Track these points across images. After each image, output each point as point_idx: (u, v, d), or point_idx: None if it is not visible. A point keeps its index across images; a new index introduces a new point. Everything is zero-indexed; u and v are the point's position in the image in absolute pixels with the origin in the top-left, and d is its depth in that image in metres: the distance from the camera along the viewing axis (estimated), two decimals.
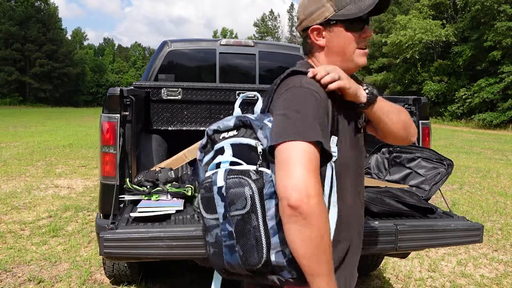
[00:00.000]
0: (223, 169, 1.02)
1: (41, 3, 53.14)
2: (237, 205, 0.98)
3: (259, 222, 0.98)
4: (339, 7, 1.10)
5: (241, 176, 0.99)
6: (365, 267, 3.20)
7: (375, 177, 2.68)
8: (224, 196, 0.99)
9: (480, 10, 25.09)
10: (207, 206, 1.04)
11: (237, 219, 0.99)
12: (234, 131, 1.08)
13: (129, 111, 2.27)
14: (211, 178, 1.03)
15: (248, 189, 0.97)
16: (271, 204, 0.98)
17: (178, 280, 3.15)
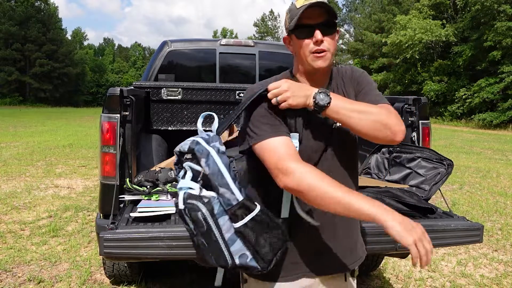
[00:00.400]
0: (181, 193, 1.21)
1: (41, 3, 53.10)
2: (198, 224, 1.19)
3: (217, 237, 1.17)
4: (291, 19, 1.28)
5: (193, 201, 1.18)
6: (365, 267, 3.20)
7: (375, 177, 2.68)
8: (190, 217, 1.19)
9: (480, 10, 25.08)
10: (184, 219, 1.25)
11: (202, 233, 1.19)
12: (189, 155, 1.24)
13: (129, 111, 2.27)
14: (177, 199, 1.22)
15: (201, 214, 1.17)
16: (225, 220, 1.17)
17: (178, 280, 3.15)
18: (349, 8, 58.43)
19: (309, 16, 1.25)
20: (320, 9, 1.26)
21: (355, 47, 47.02)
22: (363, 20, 48.00)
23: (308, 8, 1.24)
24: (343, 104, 1.20)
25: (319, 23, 1.26)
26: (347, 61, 53.13)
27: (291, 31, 1.29)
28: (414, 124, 2.55)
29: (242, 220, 1.17)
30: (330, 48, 1.28)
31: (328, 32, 1.27)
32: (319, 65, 1.28)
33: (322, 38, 1.26)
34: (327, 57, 1.28)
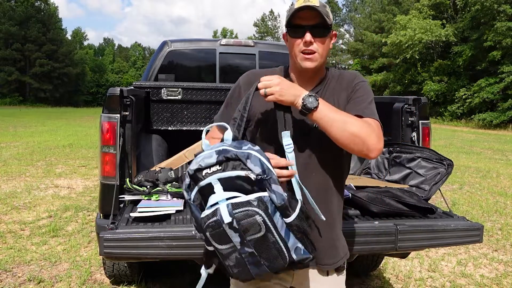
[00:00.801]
0: (224, 206, 1.11)
1: (41, 3, 53.10)
2: (251, 231, 1.10)
3: (276, 237, 1.12)
4: (287, 17, 1.36)
5: (246, 208, 1.10)
6: (365, 267, 3.20)
7: (375, 177, 2.68)
8: (238, 228, 1.10)
9: (480, 10, 25.07)
10: (220, 239, 1.13)
11: (255, 241, 1.11)
12: (217, 166, 1.16)
13: (129, 111, 2.27)
14: (216, 216, 1.11)
15: (259, 217, 1.10)
16: (277, 217, 1.13)
17: (178, 280, 3.15)
18: (349, 8, 58.45)
19: (303, 17, 1.33)
20: (314, 11, 1.32)
21: (355, 47, 47.02)
22: (363, 20, 48.00)
23: (302, 10, 1.31)
24: (328, 111, 1.25)
25: (310, 25, 1.33)
26: (347, 61, 53.16)
27: (287, 29, 1.38)
28: (414, 124, 2.55)
29: (294, 212, 1.16)
30: (319, 50, 1.35)
31: (319, 35, 1.34)
32: (307, 65, 1.36)
33: (312, 40, 1.33)
34: (315, 59, 1.35)
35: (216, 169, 1.15)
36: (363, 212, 2.13)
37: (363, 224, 1.97)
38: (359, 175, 2.80)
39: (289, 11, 1.37)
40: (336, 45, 56.98)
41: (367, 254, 2.96)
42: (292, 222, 1.15)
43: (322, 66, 1.44)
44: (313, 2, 1.33)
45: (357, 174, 2.85)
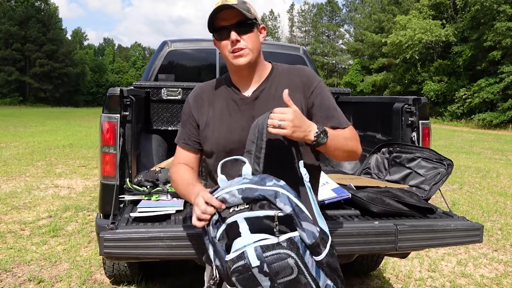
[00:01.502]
0: (251, 249, 1.05)
1: (41, 3, 53.12)
2: (282, 274, 1.05)
3: (308, 278, 1.08)
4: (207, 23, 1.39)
5: (276, 251, 1.05)
6: (365, 267, 3.20)
7: (375, 177, 2.68)
8: (268, 272, 1.04)
9: (480, 10, 25.07)
10: (247, 284, 1.07)
11: (286, 283, 1.06)
12: (244, 205, 1.11)
13: (129, 111, 2.27)
14: (243, 259, 1.05)
15: (291, 260, 1.05)
16: (307, 256, 1.09)
17: (178, 280, 3.15)
18: (349, 8, 58.48)
19: (224, 17, 1.34)
20: (232, 10, 1.32)
21: (355, 47, 47.04)
22: (363, 20, 48.02)
23: (220, 11, 1.33)
24: (332, 140, 1.29)
25: (233, 23, 1.34)
26: (347, 61, 53.17)
27: (213, 34, 1.40)
28: (414, 124, 2.54)
29: (325, 249, 1.12)
30: (248, 45, 1.36)
31: (244, 32, 1.36)
32: (240, 62, 1.37)
33: (238, 38, 1.34)
34: (246, 54, 1.36)
35: (243, 208, 1.10)
36: (363, 212, 2.13)
37: (363, 224, 1.97)
38: (359, 175, 2.80)
39: (209, 15, 1.37)
40: (336, 45, 57.05)
41: (367, 254, 2.96)
42: (322, 260, 1.11)
43: (258, 60, 1.44)
44: (230, 1, 1.33)
45: (357, 174, 2.85)
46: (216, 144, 1.43)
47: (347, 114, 3.54)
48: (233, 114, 1.45)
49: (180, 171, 1.50)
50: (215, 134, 1.44)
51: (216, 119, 1.46)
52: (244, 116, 1.43)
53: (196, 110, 1.50)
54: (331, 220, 2.04)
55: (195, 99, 1.53)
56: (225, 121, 1.44)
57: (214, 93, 1.51)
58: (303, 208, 1.12)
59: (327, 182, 2.28)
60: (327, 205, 2.15)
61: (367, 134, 3.17)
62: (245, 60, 1.37)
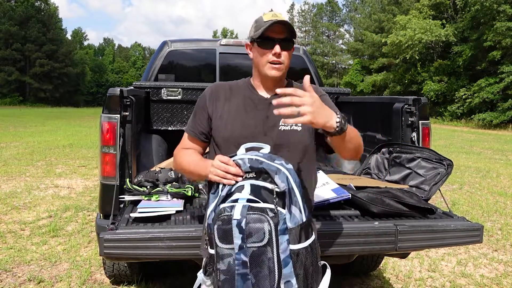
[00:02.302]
0: (240, 204, 1.14)
1: (41, 3, 53.11)
2: (254, 238, 1.10)
3: (274, 254, 1.11)
4: (256, 29, 1.50)
5: (260, 212, 1.12)
6: (365, 267, 3.20)
7: (375, 177, 2.68)
8: (243, 229, 1.10)
9: (480, 10, 25.07)
10: (223, 236, 1.14)
11: (253, 250, 1.11)
12: (253, 173, 1.23)
13: (129, 111, 2.27)
14: (229, 211, 1.13)
15: (267, 225, 1.11)
16: (284, 239, 1.12)
17: (178, 280, 3.15)
18: (349, 8, 58.46)
19: (274, 30, 1.47)
20: (284, 26, 1.47)
21: (355, 47, 47.01)
22: (363, 20, 48.00)
23: (274, 24, 1.45)
24: (350, 130, 1.34)
25: (280, 38, 1.48)
26: (347, 61, 53.14)
27: (255, 40, 1.50)
28: (414, 124, 2.54)
29: (302, 242, 1.15)
30: (285, 61, 1.50)
31: (286, 48, 1.50)
32: (273, 74, 1.50)
33: (281, 52, 1.47)
34: (281, 69, 1.50)
35: (252, 176, 1.22)
36: (363, 212, 2.13)
37: (363, 225, 1.97)
38: (359, 175, 2.80)
39: (259, 23, 1.49)
40: (336, 45, 57.03)
41: (367, 254, 2.96)
42: (298, 251, 1.13)
43: (285, 75, 1.58)
44: (281, 17, 1.48)
45: (357, 174, 2.85)
46: (228, 136, 1.53)
47: (347, 114, 3.56)
48: (249, 110, 1.56)
49: (189, 151, 1.61)
50: (229, 126, 1.53)
51: (231, 113, 1.56)
52: (259, 115, 1.54)
53: (211, 103, 1.59)
54: (331, 220, 2.04)
55: (212, 93, 1.62)
56: (241, 116, 1.55)
57: (231, 90, 1.62)
58: (297, 194, 1.19)
59: (327, 182, 2.28)
60: (327, 205, 2.16)
61: (367, 134, 3.17)
62: (278, 74, 1.50)
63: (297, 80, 1.67)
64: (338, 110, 1.48)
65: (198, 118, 1.62)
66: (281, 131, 1.51)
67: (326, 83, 44.49)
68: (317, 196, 2.18)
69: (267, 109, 1.54)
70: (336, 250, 1.90)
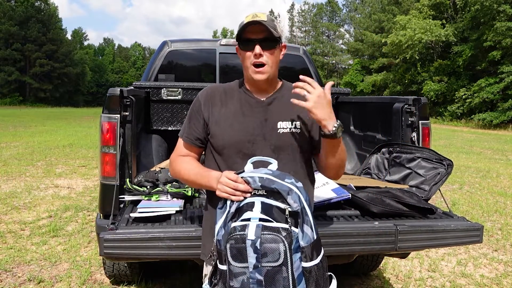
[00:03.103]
0: (254, 224, 1.15)
1: (41, 3, 53.09)
2: (269, 257, 1.12)
3: (289, 273, 1.13)
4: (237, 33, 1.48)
5: (275, 233, 1.13)
6: (365, 267, 3.20)
7: (375, 177, 2.68)
8: (258, 249, 1.12)
9: (480, 10, 25.07)
10: (236, 255, 1.16)
11: (268, 269, 1.13)
12: (263, 191, 1.24)
13: (129, 111, 2.27)
14: (244, 230, 1.15)
15: (282, 245, 1.13)
16: (296, 257, 1.15)
17: (178, 280, 3.15)
18: (349, 8, 58.46)
19: (252, 31, 1.44)
20: (261, 26, 1.43)
21: (355, 47, 47.02)
22: (363, 20, 48.02)
23: (250, 24, 1.43)
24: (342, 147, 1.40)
25: (260, 38, 1.44)
26: (347, 61, 53.14)
27: (238, 42, 1.49)
28: (414, 124, 2.54)
29: (314, 260, 1.18)
30: (269, 62, 1.46)
31: (268, 47, 1.45)
32: (258, 78, 1.47)
33: (261, 52, 1.44)
34: (265, 71, 1.46)
35: (262, 193, 1.23)
36: (363, 212, 2.13)
37: (363, 224, 1.97)
38: (359, 175, 2.80)
39: (240, 25, 1.47)
40: (336, 45, 57.04)
41: (367, 254, 2.96)
42: (309, 268, 1.16)
43: (274, 76, 1.54)
44: (261, 17, 1.44)
45: (357, 174, 2.85)
46: (228, 142, 1.50)
47: (347, 114, 3.57)
48: (246, 114, 1.53)
49: (186, 159, 1.56)
50: (227, 132, 1.51)
51: (229, 118, 1.53)
52: (257, 118, 1.52)
53: (206, 108, 1.56)
54: (331, 220, 2.04)
55: (207, 97, 1.58)
56: (239, 121, 1.52)
57: (226, 94, 1.58)
58: (309, 213, 1.21)
59: (327, 182, 2.28)
60: (327, 206, 2.16)
61: (367, 134, 3.17)
62: (263, 77, 1.47)
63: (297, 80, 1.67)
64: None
65: (193, 123, 1.57)
66: (280, 133, 1.50)
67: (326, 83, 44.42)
68: (317, 196, 2.18)
69: (265, 112, 1.52)
70: (336, 250, 1.90)
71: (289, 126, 1.50)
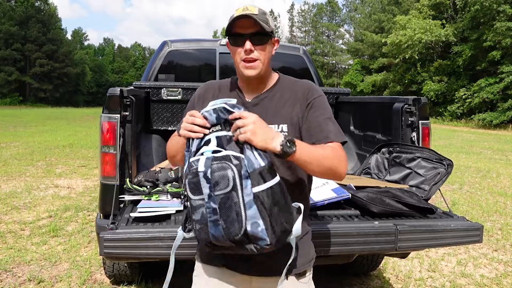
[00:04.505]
0: (205, 157, 1.19)
1: (41, 3, 53.13)
2: (221, 185, 1.15)
3: (239, 198, 1.15)
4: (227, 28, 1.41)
5: (223, 161, 1.16)
6: (365, 267, 3.20)
7: (375, 177, 2.68)
8: (209, 178, 1.15)
9: (480, 10, 25.07)
10: (194, 189, 1.19)
11: (221, 197, 1.16)
12: (218, 126, 1.25)
13: (129, 111, 2.27)
14: (196, 165, 1.19)
15: (230, 172, 1.15)
16: (247, 183, 1.16)
17: (178, 280, 3.15)
18: (349, 8, 58.48)
19: (242, 25, 1.38)
20: (251, 20, 1.36)
21: (355, 47, 47.04)
22: (363, 20, 48.03)
23: (240, 19, 1.37)
24: (305, 152, 1.27)
25: (250, 33, 1.38)
26: (347, 61, 53.14)
27: (228, 37, 1.44)
28: (414, 124, 2.55)
29: (262, 185, 1.18)
30: (260, 57, 1.40)
31: (259, 42, 1.39)
32: (248, 74, 1.42)
33: (252, 47, 1.38)
34: (256, 67, 1.41)
35: (218, 129, 1.24)
36: (363, 212, 2.13)
37: (363, 224, 1.97)
38: (359, 175, 2.80)
39: (229, 19, 1.41)
40: (336, 45, 57.05)
41: (367, 254, 2.96)
42: (258, 193, 1.17)
43: (266, 72, 1.48)
44: (251, 10, 1.38)
45: (357, 174, 2.85)
46: None
47: (347, 114, 3.57)
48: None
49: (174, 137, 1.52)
50: None
51: None
52: None
53: (199, 103, 1.54)
54: (331, 220, 2.04)
55: (201, 93, 1.58)
56: None
57: (220, 90, 1.57)
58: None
59: (327, 182, 2.29)
60: (327, 205, 2.16)
61: (367, 134, 3.17)
62: (254, 73, 1.42)
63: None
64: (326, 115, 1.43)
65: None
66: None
67: (326, 83, 44.50)
68: (317, 196, 2.18)
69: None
70: (336, 250, 1.90)
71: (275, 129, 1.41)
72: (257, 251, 1.21)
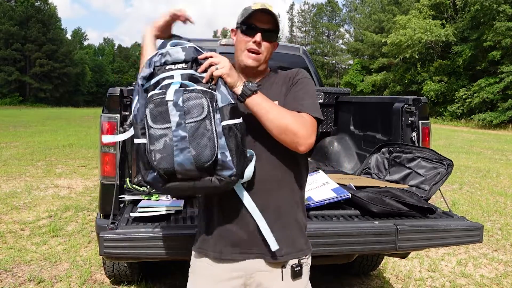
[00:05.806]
0: (173, 87, 1.21)
1: (41, 3, 53.10)
2: (193, 113, 1.19)
3: (212, 125, 1.19)
4: (243, 15, 1.47)
5: (196, 92, 1.20)
6: (365, 267, 3.20)
7: (375, 177, 2.68)
8: (182, 106, 1.18)
9: (480, 10, 25.07)
10: (157, 117, 1.20)
11: (192, 125, 1.18)
12: (183, 64, 1.28)
13: (129, 111, 2.27)
14: (164, 94, 1.20)
15: (205, 100, 1.19)
16: (217, 116, 1.22)
17: (178, 280, 3.15)
18: (349, 8, 58.47)
19: (260, 19, 1.45)
20: (270, 17, 1.45)
21: (355, 47, 47.04)
22: (363, 20, 48.02)
23: (261, 12, 1.43)
24: (264, 101, 1.33)
25: (264, 28, 1.45)
26: (347, 61, 53.13)
27: (239, 26, 1.48)
28: (414, 124, 2.55)
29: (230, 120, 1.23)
30: (264, 52, 1.48)
31: (268, 39, 1.47)
32: (249, 63, 1.47)
33: (261, 41, 1.45)
34: (258, 59, 1.47)
35: (181, 67, 1.27)
36: (363, 212, 2.13)
37: (363, 224, 1.97)
38: (359, 175, 2.80)
39: (247, 10, 1.47)
40: (336, 45, 57.04)
41: (367, 254, 2.96)
42: (226, 126, 1.22)
43: (263, 67, 1.53)
44: (270, 8, 1.44)
45: (357, 174, 2.85)
46: None
47: (347, 114, 3.56)
48: None
49: None
50: None
51: None
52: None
53: None
54: (331, 220, 2.04)
55: None
56: None
57: None
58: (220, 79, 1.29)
59: (327, 182, 2.29)
60: (327, 205, 2.16)
61: (367, 134, 3.17)
62: (254, 64, 1.48)
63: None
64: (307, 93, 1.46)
65: None
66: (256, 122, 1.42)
67: (326, 83, 44.48)
68: (317, 196, 2.18)
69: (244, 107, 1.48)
70: (336, 250, 1.90)
71: None
72: (219, 183, 1.23)
